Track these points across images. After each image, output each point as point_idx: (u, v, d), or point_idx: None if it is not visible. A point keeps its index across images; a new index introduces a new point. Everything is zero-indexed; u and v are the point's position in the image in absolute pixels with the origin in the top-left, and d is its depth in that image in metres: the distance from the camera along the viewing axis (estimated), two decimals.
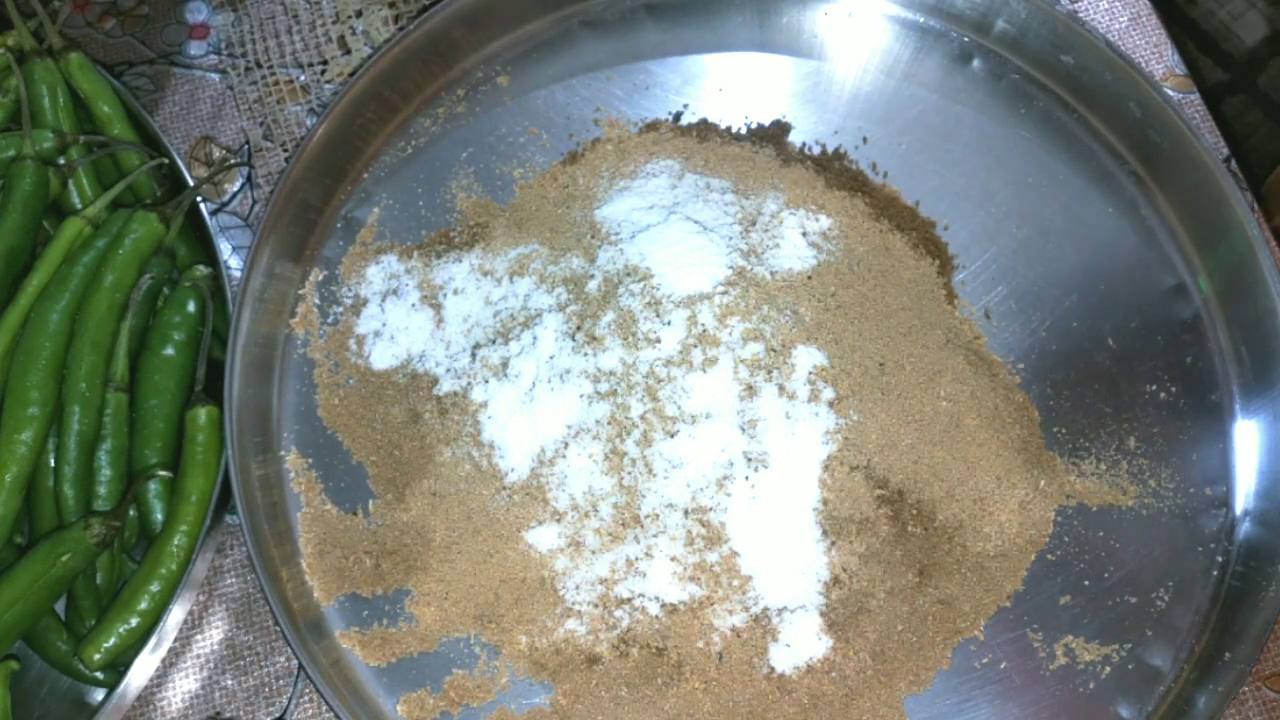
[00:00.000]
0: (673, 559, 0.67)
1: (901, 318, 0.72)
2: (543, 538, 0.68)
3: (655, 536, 0.67)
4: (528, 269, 0.74)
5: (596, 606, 0.67)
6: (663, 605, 0.67)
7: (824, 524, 0.67)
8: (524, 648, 0.68)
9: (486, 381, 0.70)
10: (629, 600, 0.67)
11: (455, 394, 0.71)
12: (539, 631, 0.68)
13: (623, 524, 0.67)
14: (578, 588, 0.67)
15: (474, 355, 0.72)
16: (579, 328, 0.69)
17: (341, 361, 0.74)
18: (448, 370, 0.72)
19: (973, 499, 0.69)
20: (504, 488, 0.69)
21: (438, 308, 0.75)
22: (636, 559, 0.67)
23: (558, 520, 0.68)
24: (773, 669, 0.67)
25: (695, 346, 0.67)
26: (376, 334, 0.75)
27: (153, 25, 0.86)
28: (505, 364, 0.70)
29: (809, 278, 0.72)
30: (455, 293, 0.74)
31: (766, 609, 0.67)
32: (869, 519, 0.68)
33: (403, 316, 0.74)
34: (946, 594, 0.68)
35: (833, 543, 0.67)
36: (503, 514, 0.68)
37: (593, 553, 0.67)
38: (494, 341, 0.72)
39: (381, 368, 0.74)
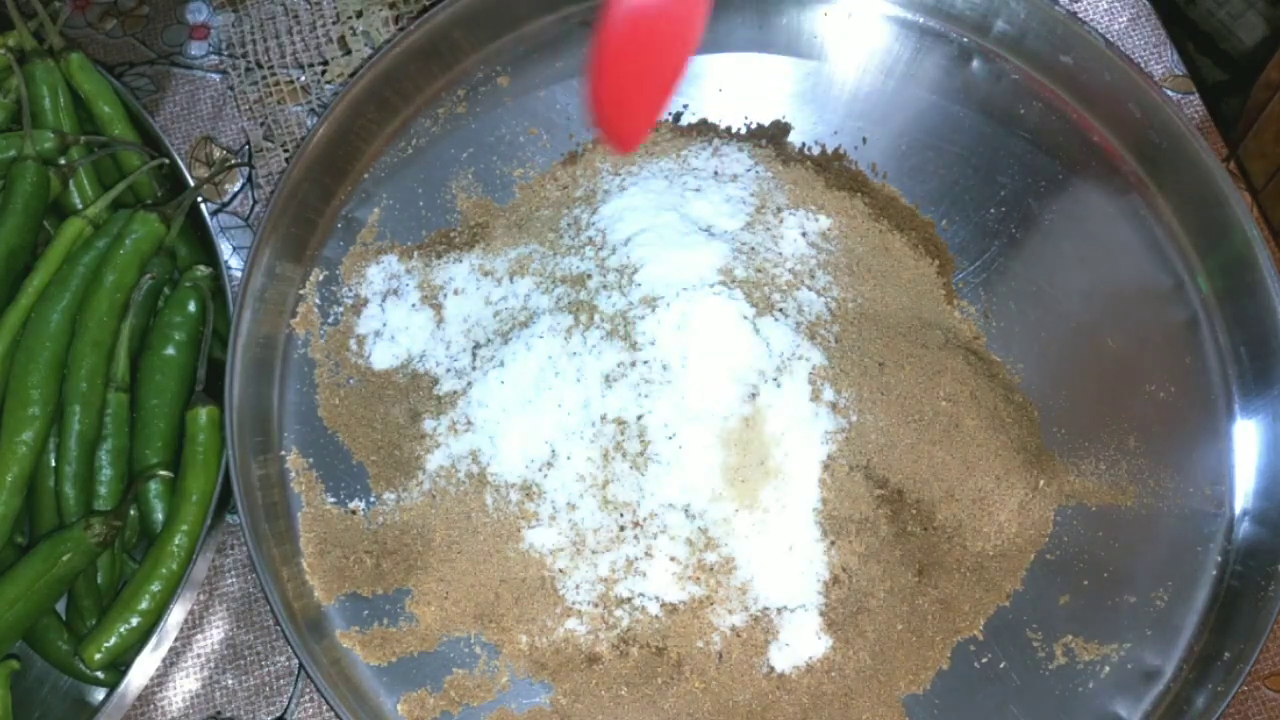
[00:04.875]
0: (672, 559, 0.67)
1: (901, 318, 0.72)
2: (543, 537, 0.68)
3: (655, 536, 0.67)
4: (528, 269, 0.74)
5: (596, 606, 0.67)
6: (663, 605, 0.67)
7: (824, 524, 0.67)
8: (524, 647, 0.68)
9: (487, 381, 0.70)
10: (629, 600, 0.67)
11: (455, 394, 0.71)
12: (539, 631, 0.68)
13: (622, 524, 0.67)
14: (578, 587, 0.67)
15: (474, 355, 0.72)
16: (579, 328, 0.69)
17: (342, 361, 0.74)
18: (448, 370, 0.73)
19: (972, 499, 0.69)
20: (504, 487, 0.69)
21: (438, 308, 0.75)
22: (636, 559, 0.67)
23: (557, 520, 0.68)
24: (772, 668, 0.67)
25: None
26: (377, 334, 0.75)
27: (153, 26, 0.86)
28: (505, 364, 0.70)
29: (809, 278, 0.72)
30: (455, 293, 0.75)
31: (766, 608, 0.67)
32: (869, 519, 0.68)
33: (403, 316, 0.75)
34: (946, 594, 0.68)
35: (832, 542, 0.67)
36: (503, 514, 0.69)
37: (593, 552, 0.67)
38: (494, 341, 0.72)
39: (382, 368, 0.74)
